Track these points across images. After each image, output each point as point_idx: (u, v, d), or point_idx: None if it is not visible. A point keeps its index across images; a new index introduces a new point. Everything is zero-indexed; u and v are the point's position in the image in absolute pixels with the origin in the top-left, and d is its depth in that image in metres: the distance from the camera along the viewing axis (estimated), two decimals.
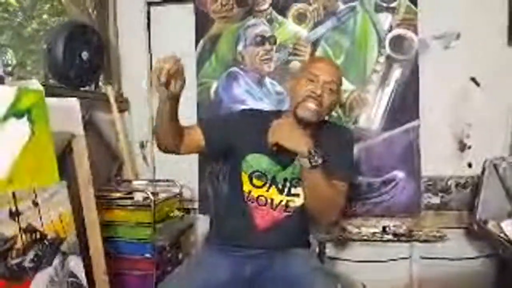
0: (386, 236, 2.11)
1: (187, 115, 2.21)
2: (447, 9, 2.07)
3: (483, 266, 2.09)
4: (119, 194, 1.96)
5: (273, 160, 1.44)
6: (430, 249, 2.11)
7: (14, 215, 1.15)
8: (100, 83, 2.24)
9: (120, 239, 1.88)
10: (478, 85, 2.09)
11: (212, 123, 1.55)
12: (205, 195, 2.24)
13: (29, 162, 1.23)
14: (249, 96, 2.23)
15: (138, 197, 1.94)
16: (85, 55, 1.95)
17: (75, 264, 1.35)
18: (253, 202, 1.47)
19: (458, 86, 2.10)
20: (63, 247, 1.31)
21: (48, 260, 1.25)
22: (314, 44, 2.17)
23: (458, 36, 2.09)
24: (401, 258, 2.15)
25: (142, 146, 2.39)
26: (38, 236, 1.22)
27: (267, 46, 2.21)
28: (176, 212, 2.11)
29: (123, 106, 2.34)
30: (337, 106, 1.51)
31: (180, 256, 2.10)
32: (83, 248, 1.53)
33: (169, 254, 1.99)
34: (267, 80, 2.22)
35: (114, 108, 2.19)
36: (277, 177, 1.46)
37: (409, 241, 2.12)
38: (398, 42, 2.10)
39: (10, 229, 1.14)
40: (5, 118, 1.18)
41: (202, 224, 2.27)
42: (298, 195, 1.46)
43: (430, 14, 2.07)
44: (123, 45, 2.39)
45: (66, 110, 1.58)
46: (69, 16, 2.15)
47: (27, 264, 1.17)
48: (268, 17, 2.21)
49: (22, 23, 1.98)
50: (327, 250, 1.74)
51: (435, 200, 2.14)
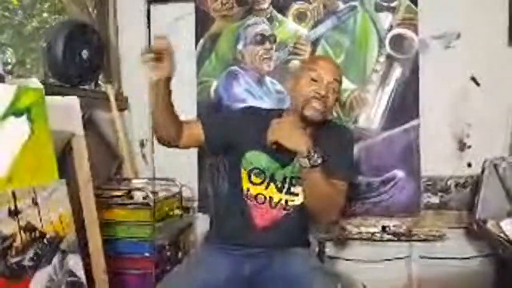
0: (385, 235, 2.11)
1: (187, 114, 2.23)
2: (448, 8, 2.07)
3: (483, 265, 2.09)
4: (119, 193, 1.96)
5: (272, 158, 1.44)
6: (430, 248, 2.12)
7: (14, 214, 1.15)
8: (100, 82, 2.24)
9: (119, 238, 1.88)
10: (478, 84, 2.09)
11: (212, 119, 1.55)
12: (204, 194, 2.25)
13: (28, 161, 1.22)
14: (249, 95, 2.23)
15: (138, 196, 1.94)
16: (85, 54, 1.95)
17: (75, 263, 1.35)
18: (251, 200, 1.46)
19: (458, 86, 2.10)
20: (63, 246, 1.31)
21: (47, 258, 1.24)
22: (314, 43, 2.17)
23: (458, 36, 2.09)
24: (400, 258, 2.15)
25: (142, 145, 2.39)
26: (37, 234, 1.22)
27: (267, 45, 2.21)
28: (175, 211, 2.11)
29: (123, 104, 2.34)
30: (336, 104, 1.51)
31: (179, 255, 2.10)
32: (83, 247, 1.53)
33: (168, 253, 1.99)
34: (267, 79, 2.22)
35: (114, 106, 2.19)
36: (276, 175, 1.45)
37: (408, 240, 2.12)
38: (398, 42, 2.10)
39: (9, 227, 1.13)
40: (4, 117, 1.17)
41: (202, 223, 2.27)
42: (297, 194, 1.45)
43: (430, 14, 2.07)
44: (123, 43, 2.39)
45: (66, 109, 1.58)
46: (69, 14, 2.15)
47: (27, 262, 1.17)
48: (268, 16, 2.21)
49: (22, 22, 1.98)
50: (327, 249, 1.74)
51: (435, 199, 2.14)
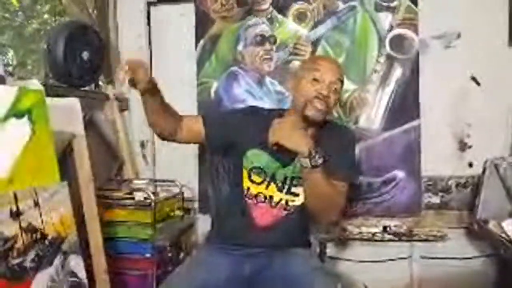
0: (386, 235, 2.11)
1: (187, 115, 2.23)
2: (448, 8, 2.07)
3: (484, 265, 2.09)
4: (120, 194, 1.96)
5: (273, 157, 1.44)
6: (431, 248, 2.11)
7: (15, 215, 1.15)
8: (100, 83, 2.24)
9: (120, 239, 1.88)
10: (478, 84, 2.09)
11: (213, 118, 1.55)
12: (205, 195, 2.25)
13: (29, 162, 1.23)
14: (249, 95, 2.23)
15: (139, 196, 1.94)
16: (85, 55, 1.95)
17: (76, 263, 1.35)
18: (252, 199, 1.46)
19: (458, 86, 2.10)
20: (64, 247, 1.31)
21: (48, 259, 1.25)
22: (314, 43, 2.17)
23: (459, 36, 2.09)
24: (401, 258, 2.15)
25: (143, 146, 2.39)
26: (38, 235, 1.22)
27: (267, 46, 2.21)
28: (176, 211, 2.11)
29: (124, 105, 2.34)
30: (337, 104, 1.51)
31: (180, 255, 2.10)
32: (84, 247, 1.53)
33: (169, 254, 1.99)
34: (267, 79, 2.22)
35: (115, 107, 2.19)
36: (276, 174, 1.45)
37: (409, 240, 2.12)
38: (398, 42, 2.10)
39: (10, 229, 1.13)
40: (5, 118, 1.18)
41: (203, 223, 2.27)
42: (298, 195, 1.45)
43: (430, 14, 2.07)
44: (123, 44, 2.39)
45: (67, 110, 1.58)
46: (69, 16, 2.15)
47: (28, 264, 1.17)
48: (268, 16, 2.21)
49: (23, 23, 1.99)
50: (328, 249, 1.74)
51: (436, 199, 2.14)
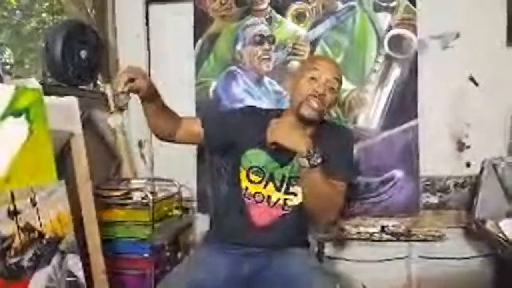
0: (384, 235, 2.11)
1: (186, 114, 2.22)
2: (446, 9, 2.07)
3: (482, 265, 2.09)
4: (118, 193, 1.95)
5: (271, 157, 1.44)
6: (429, 248, 2.12)
7: (12, 214, 1.15)
8: (98, 82, 2.24)
9: (118, 238, 1.87)
10: (476, 84, 2.09)
11: (212, 118, 1.56)
12: (203, 194, 2.25)
13: (27, 161, 1.22)
14: (248, 95, 2.23)
15: (137, 196, 1.94)
16: (83, 54, 1.95)
17: (74, 263, 1.35)
18: (250, 199, 1.46)
19: (457, 86, 2.10)
20: (62, 246, 1.30)
21: (46, 259, 1.24)
22: (313, 43, 2.17)
23: (457, 36, 2.09)
24: (399, 258, 2.15)
25: (141, 145, 2.39)
26: (36, 235, 1.22)
27: (266, 46, 2.21)
28: (174, 211, 2.11)
29: (122, 104, 2.33)
30: (336, 104, 1.51)
31: (178, 255, 2.10)
32: (82, 247, 1.53)
33: (167, 253, 1.99)
34: (266, 79, 2.21)
35: (113, 106, 2.19)
36: (275, 174, 1.45)
37: (407, 240, 2.12)
38: (397, 42, 2.10)
39: (8, 228, 1.13)
40: (3, 117, 1.17)
41: (201, 223, 2.27)
42: (296, 194, 1.45)
43: (429, 14, 2.07)
44: (122, 43, 2.38)
45: (65, 109, 1.58)
46: (67, 15, 2.14)
47: (26, 263, 1.17)
48: (267, 16, 2.21)
49: (21, 22, 1.98)
50: (326, 249, 1.74)
51: (434, 199, 2.14)
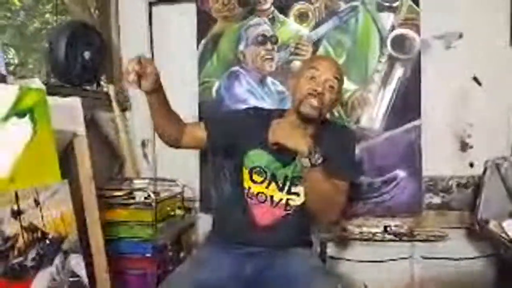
0: (387, 236, 2.11)
1: (189, 114, 2.23)
2: (449, 9, 2.06)
3: (485, 266, 2.09)
4: (121, 193, 1.96)
5: (274, 157, 1.45)
6: (432, 249, 2.11)
7: (16, 214, 1.15)
8: (101, 82, 2.24)
9: (121, 238, 1.88)
10: (480, 84, 2.09)
11: (215, 120, 1.57)
12: (206, 194, 2.26)
13: (31, 161, 1.23)
14: (250, 95, 2.23)
15: (140, 196, 1.94)
16: (87, 54, 1.95)
17: (77, 263, 1.35)
18: (252, 199, 1.47)
19: (460, 86, 2.09)
20: (65, 246, 1.31)
21: (49, 259, 1.25)
22: (316, 43, 2.17)
23: (460, 36, 2.08)
24: (402, 258, 2.14)
25: (144, 145, 2.39)
26: (39, 235, 1.22)
27: (269, 46, 2.21)
28: (177, 211, 2.11)
29: (125, 105, 2.34)
30: (337, 104, 1.51)
31: (181, 255, 2.11)
32: (85, 247, 1.54)
33: (170, 253, 2.00)
34: (269, 79, 2.21)
35: (116, 107, 2.20)
36: (277, 174, 1.46)
37: (410, 241, 2.11)
38: (400, 42, 2.10)
39: (11, 228, 1.13)
40: (7, 117, 1.18)
41: (203, 223, 2.27)
42: (298, 194, 1.46)
43: (432, 14, 2.07)
44: (125, 44, 2.39)
45: (68, 109, 1.59)
46: (71, 15, 2.15)
47: (29, 263, 1.17)
48: (269, 16, 2.21)
49: (24, 22, 1.99)
50: (328, 249, 1.74)
51: (436, 200, 2.14)
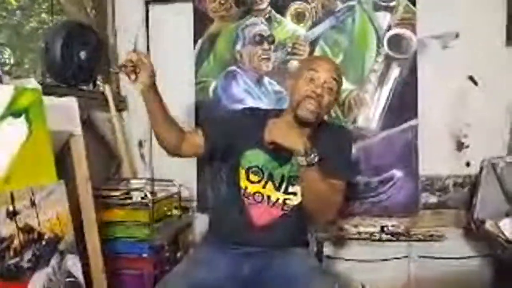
0: (384, 235, 2.11)
1: (186, 114, 2.23)
2: (446, 8, 2.07)
3: (481, 265, 2.09)
4: (117, 193, 1.95)
5: (270, 156, 1.45)
6: (428, 248, 2.12)
7: (11, 215, 1.15)
8: (98, 82, 2.23)
9: (118, 238, 1.88)
10: (476, 84, 2.09)
11: (212, 122, 1.58)
12: (203, 194, 2.26)
13: (26, 162, 1.22)
14: (247, 95, 2.23)
15: (136, 196, 1.94)
16: (83, 54, 1.94)
17: (73, 263, 1.35)
18: (249, 199, 1.47)
19: (457, 86, 2.10)
20: (61, 247, 1.31)
21: (45, 259, 1.24)
22: (313, 43, 2.17)
23: (457, 35, 2.09)
24: (399, 258, 2.15)
25: (140, 145, 2.39)
26: (35, 235, 1.22)
27: (266, 45, 2.21)
28: (174, 211, 2.11)
29: (121, 105, 2.33)
30: (335, 105, 1.51)
31: (178, 255, 2.10)
32: (81, 247, 1.53)
33: (167, 253, 1.99)
34: (266, 79, 2.21)
35: (112, 107, 2.19)
36: (274, 173, 1.46)
37: (407, 240, 2.12)
38: (396, 42, 2.10)
39: (7, 228, 1.13)
40: (2, 118, 1.17)
41: (200, 223, 2.27)
42: (295, 194, 1.45)
43: (428, 14, 2.07)
44: (121, 44, 2.39)
45: (64, 109, 1.58)
46: (67, 15, 2.14)
47: (25, 264, 1.17)
48: (266, 16, 2.21)
49: (21, 22, 1.98)
50: (325, 249, 1.74)
51: (433, 199, 2.14)
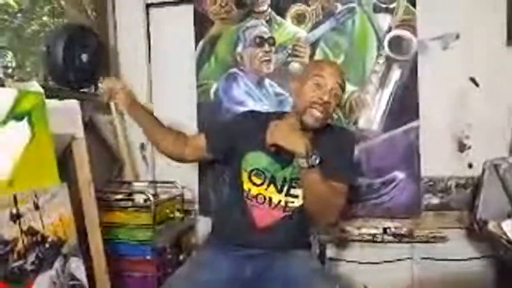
0: (386, 237, 2.11)
1: (187, 116, 2.24)
2: (446, 9, 2.07)
3: (484, 267, 2.09)
4: (120, 196, 1.96)
5: (272, 159, 1.45)
6: (431, 250, 2.11)
7: (15, 218, 1.15)
8: (99, 85, 2.23)
9: (120, 241, 1.88)
10: (477, 85, 2.09)
11: (214, 125, 1.59)
12: (205, 197, 2.26)
13: (29, 165, 1.22)
14: (248, 97, 2.23)
15: (139, 198, 1.94)
16: (84, 57, 1.95)
17: (76, 266, 1.35)
18: (252, 201, 1.48)
19: (458, 87, 2.10)
20: (64, 250, 1.31)
21: (49, 262, 1.24)
22: (313, 45, 2.17)
23: (457, 36, 2.09)
24: (402, 259, 2.15)
25: (142, 148, 2.39)
26: (39, 238, 1.22)
27: (266, 47, 2.21)
28: (176, 213, 2.11)
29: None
30: (337, 108, 1.52)
31: (180, 257, 2.10)
32: (84, 249, 1.53)
33: (169, 256, 1.99)
34: (267, 81, 2.22)
35: (114, 109, 2.19)
36: (276, 176, 1.46)
37: (409, 242, 2.11)
38: (397, 43, 2.10)
39: (10, 231, 1.13)
40: (5, 121, 1.17)
41: (203, 225, 2.27)
42: (297, 196, 1.46)
43: (429, 15, 2.07)
44: (123, 46, 2.39)
45: (66, 112, 1.58)
46: (68, 18, 2.14)
47: (28, 266, 1.17)
48: (267, 18, 2.21)
49: (22, 25, 1.98)
50: (328, 251, 1.74)
51: (435, 200, 2.14)
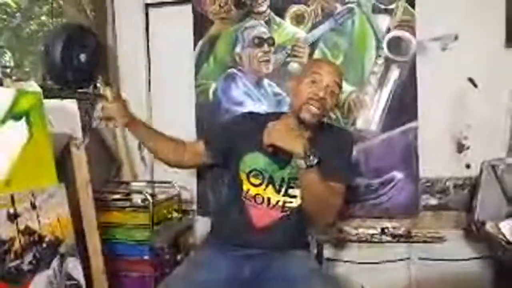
0: (384, 237, 2.11)
1: (186, 116, 2.24)
2: (445, 10, 2.07)
3: (482, 267, 2.09)
4: (118, 196, 1.96)
5: (271, 159, 1.46)
6: (429, 250, 2.11)
7: (12, 217, 1.15)
8: (98, 85, 2.23)
9: (118, 241, 1.88)
10: (475, 86, 2.10)
11: (212, 129, 1.61)
12: (203, 197, 2.26)
13: (27, 164, 1.22)
14: (247, 97, 2.23)
15: (137, 199, 1.94)
16: (83, 57, 1.95)
17: (74, 266, 1.35)
18: (250, 201, 1.48)
19: (456, 88, 2.10)
20: (62, 249, 1.31)
21: (46, 262, 1.24)
22: (312, 45, 2.17)
23: (456, 37, 2.09)
24: (399, 260, 2.15)
25: (141, 148, 2.38)
26: (36, 238, 1.22)
27: (265, 48, 2.21)
28: (174, 213, 2.11)
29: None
30: (335, 107, 1.53)
31: (178, 257, 2.10)
32: (82, 250, 1.53)
33: (167, 256, 1.99)
34: (265, 81, 2.22)
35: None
36: (274, 176, 1.47)
37: (407, 242, 2.12)
38: (396, 44, 2.10)
39: (8, 231, 1.13)
40: (3, 120, 1.18)
41: (201, 225, 2.27)
42: (295, 196, 1.46)
43: (427, 16, 2.07)
44: (122, 46, 2.39)
45: (64, 112, 1.58)
46: (67, 18, 2.14)
47: (25, 266, 1.17)
48: (266, 18, 2.21)
49: (20, 25, 1.98)
50: (325, 251, 1.74)
51: (433, 201, 2.14)
